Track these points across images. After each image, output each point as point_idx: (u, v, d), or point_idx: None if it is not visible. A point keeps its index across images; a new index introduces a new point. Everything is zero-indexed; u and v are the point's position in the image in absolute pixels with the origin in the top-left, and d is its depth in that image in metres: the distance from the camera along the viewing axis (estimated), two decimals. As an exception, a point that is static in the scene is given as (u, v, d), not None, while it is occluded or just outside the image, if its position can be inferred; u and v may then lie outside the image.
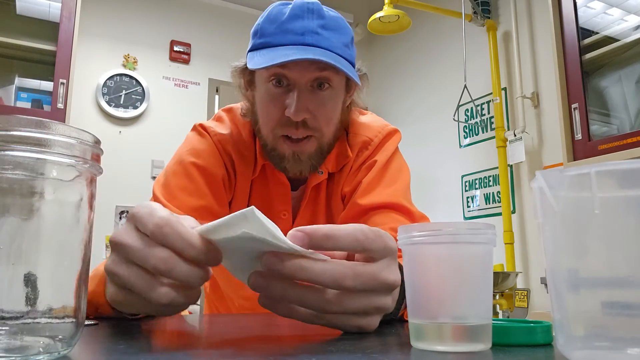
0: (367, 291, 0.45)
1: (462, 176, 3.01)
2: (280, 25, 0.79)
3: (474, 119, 2.98)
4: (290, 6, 0.80)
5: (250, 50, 0.84)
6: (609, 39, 2.08)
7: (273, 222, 0.42)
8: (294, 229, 0.42)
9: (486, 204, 2.83)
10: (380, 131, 0.95)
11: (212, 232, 0.41)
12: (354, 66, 0.87)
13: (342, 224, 0.90)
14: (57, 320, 0.34)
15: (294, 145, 0.84)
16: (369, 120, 0.98)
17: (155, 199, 0.86)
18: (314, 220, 0.94)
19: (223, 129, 0.93)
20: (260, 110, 0.87)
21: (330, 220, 0.95)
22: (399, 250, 0.43)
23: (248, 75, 0.90)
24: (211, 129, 0.93)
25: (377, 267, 0.45)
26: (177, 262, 0.42)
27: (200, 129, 0.94)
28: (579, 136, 2.03)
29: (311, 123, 0.83)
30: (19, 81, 2.64)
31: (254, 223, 0.39)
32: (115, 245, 0.45)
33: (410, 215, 0.88)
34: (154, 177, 3.07)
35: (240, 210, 0.39)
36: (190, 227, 0.44)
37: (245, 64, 0.86)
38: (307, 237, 0.41)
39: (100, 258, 2.60)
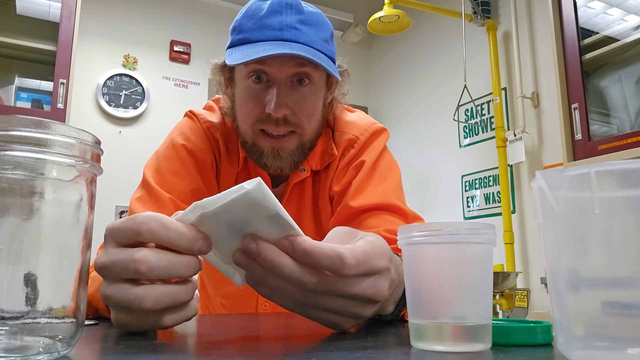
0: (346, 298, 0.46)
1: (462, 176, 3.00)
2: (258, 20, 0.79)
3: (474, 119, 2.98)
4: (269, 2, 0.80)
5: (229, 47, 0.84)
6: (609, 39, 2.08)
7: None
8: (284, 236, 0.43)
9: (486, 204, 2.83)
10: (367, 129, 0.94)
11: (206, 205, 0.41)
12: (334, 62, 0.86)
13: (335, 227, 0.90)
14: (57, 320, 0.34)
15: (273, 141, 0.84)
16: (355, 118, 0.97)
17: (145, 182, 0.86)
18: (299, 218, 0.94)
19: (213, 117, 0.94)
20: (239, 107, 0.87)
21: (317, 219, 0.94)
22: (399, 250, 0.43)
23: (228, 73, 0.90)
24: (201, 115, 0.94)
25: (359, 281, 0.45)
26: (158, 256, 0.41)
27: (190, 115, 0.95)
28: (579, 136, 2.03)
29: (291, 119, 0.82)
30: (19, 81, 2.64)
31: (260, 191, 0.40)
32: (99, 270, 0.44)
33: (404, 215, 0.87)
34: (154, 177, 3.06)
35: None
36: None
37: (224, 61, 0.86)
38: (291, 247, 0.42)
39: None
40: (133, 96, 3.18)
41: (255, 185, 0.40)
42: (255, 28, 0.80)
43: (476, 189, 2.91)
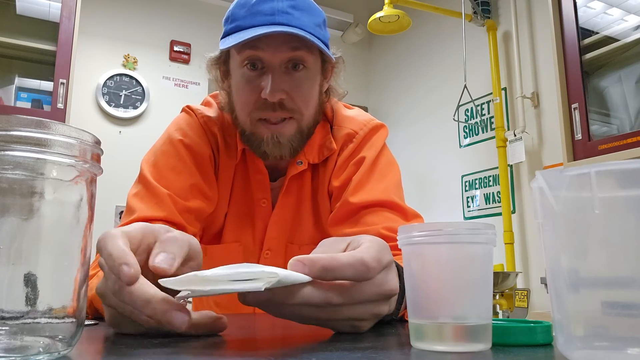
0: (367, 302, 0.46)
1: (462, 176, 3.00)
2: (250, 8, 0.80)
3: (474, 119, 2.98)
4: None
5: (222, 38, 0.85)
6: (609, 39, 2.08)
7: (253, 209, 0.41)
8: (294, 257, 0.42)
9: (486, 204, 2.83)
10: (366, 124, 0.94)
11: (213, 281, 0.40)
12: (327, 47, 0.86)
13: (334, 223, 0.90)
14: (57, 320, 0.34)
15: (272, 127, 0.84)
16: (354, 114, 0.98)
17: (142, 178, 0.85)
18: (298, 213, 0.93)
19: (210, 112, 0.94)
20: (236, 97, 0.87)
21: (316, 214, 0.94)
22: (399, 250, 0.43)
23: (223, 65, 0.90)
24: (198, 110, 0.94)
25: (375, 281, 0.45)
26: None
27: (187, 110, 0.95)
28: (579, 136, 2.03)
29: (288, 104, 0.83)
30: (19, 81, 2.63)
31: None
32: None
33: (403, 213, 0.86)
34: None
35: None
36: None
37: (219, 52, 0.87)
38: (306, 268, 0.42)
39: (100, 258, 2.58)
40: (133, 96, 3.18)
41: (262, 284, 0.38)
42: (247, 15, 0.80)
43: (476, 189, 2.91)
